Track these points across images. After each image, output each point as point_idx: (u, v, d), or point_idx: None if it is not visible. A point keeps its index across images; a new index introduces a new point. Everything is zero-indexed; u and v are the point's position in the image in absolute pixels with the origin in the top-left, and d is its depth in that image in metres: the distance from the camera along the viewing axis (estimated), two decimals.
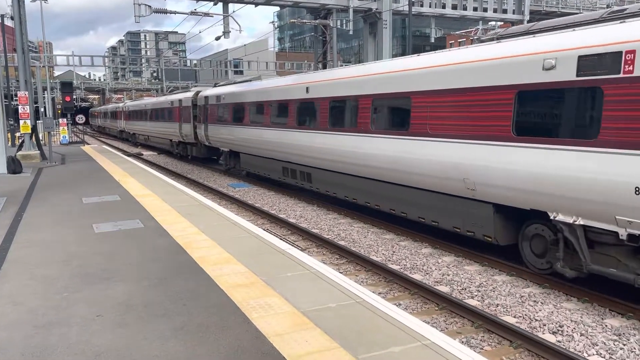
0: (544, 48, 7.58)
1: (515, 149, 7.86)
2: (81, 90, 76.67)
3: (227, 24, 23.78)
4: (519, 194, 7.87)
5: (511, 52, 8.08)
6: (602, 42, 6.78)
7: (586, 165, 6.86)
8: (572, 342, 6.18)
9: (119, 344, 4.40)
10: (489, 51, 8.58)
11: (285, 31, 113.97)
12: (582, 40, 7.10)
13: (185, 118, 26.07)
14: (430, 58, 10.01)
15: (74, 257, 7.03)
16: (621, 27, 6.78)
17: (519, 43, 8.15)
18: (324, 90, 13.74)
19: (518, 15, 31.47)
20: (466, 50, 9.23)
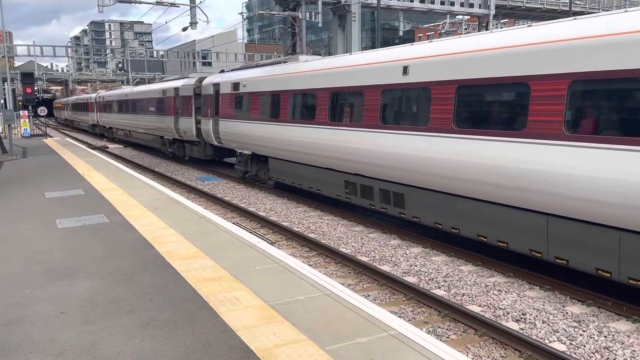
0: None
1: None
2: (43, 81, 74.40)
3: (194, 15, 23.42)
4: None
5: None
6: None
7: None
8: (535, 330, 6.36)
9: (83, 341, 4.32)
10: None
11: (255, 22, 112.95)
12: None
13: (184, 110, 21.50)
14: None
15: (37, 254, 6.85)
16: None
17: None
18: (446, 69, 8.86)
19: (484, 9, 31.95)
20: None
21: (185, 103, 21.30)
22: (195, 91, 20.57)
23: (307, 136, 12.97)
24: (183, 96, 21.65)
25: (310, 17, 26.40)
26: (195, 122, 20.53)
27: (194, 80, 21.18)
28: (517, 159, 7.47)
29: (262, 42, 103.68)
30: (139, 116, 28.05)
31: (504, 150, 7.71)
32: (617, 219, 6.44)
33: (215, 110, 18.50)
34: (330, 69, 12.20)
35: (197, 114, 20.33)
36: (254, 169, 16.78)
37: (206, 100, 19.41)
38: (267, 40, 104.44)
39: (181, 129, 21.92)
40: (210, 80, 19.51)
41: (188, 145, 22.42)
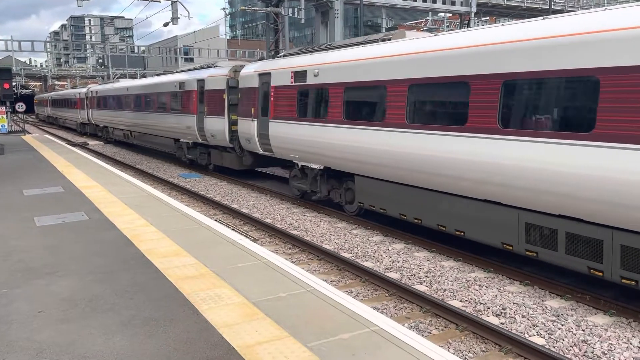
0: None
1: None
2: (21, 77, 73.04)
3: (175, 10, 23.16)
4: None
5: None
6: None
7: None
8: (515, 324, 6.45)
9: (62, 340, 4.26)
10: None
11: (237, 18, 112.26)
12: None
13: (212, 108, 17.10)
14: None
15: (14, 252, 6.73)
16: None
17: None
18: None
19: (466, 7, 32.17)
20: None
21: (214, 99, 16.93)
22: (229, 83, 16.32)
23: (439, 150, 8.63)
24: (211, 90, 17.17)
25: (293, 13, 26.32)
26: (229, 123, 16.27)
27: (227, 69, 16.81)
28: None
29: (245, 38, 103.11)
30: (145, 114, 23.56)
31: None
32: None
33: (263, 109, 14.12)
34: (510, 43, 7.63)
35: (231, 112, 16.19)
36: (325, 188, 12.39)
37: (247, 95, 15.10)
38: (250, 36, 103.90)
39: (207, 131, 17.34)
40: (254, 68, 14.94)
41: (216, 152, 17.75)
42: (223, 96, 16.52)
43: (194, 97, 18.18)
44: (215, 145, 17.63)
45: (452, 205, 8.73)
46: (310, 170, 12.55)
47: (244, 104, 15.31)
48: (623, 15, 6.43)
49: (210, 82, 17.31)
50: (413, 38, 10.02)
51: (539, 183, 7.10)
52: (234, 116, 16.09)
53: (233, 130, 16.23)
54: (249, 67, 15.71)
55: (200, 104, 17.82)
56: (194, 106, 18.21)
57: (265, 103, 14.16)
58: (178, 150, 20.91)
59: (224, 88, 16.60)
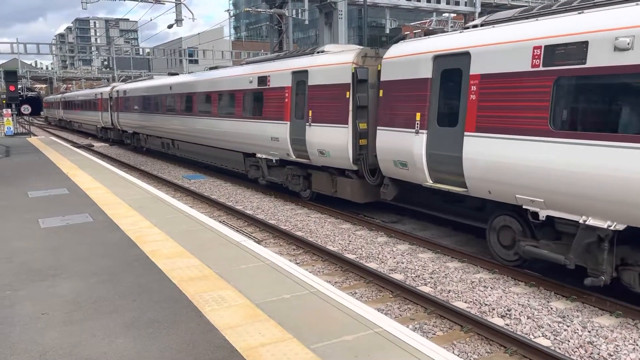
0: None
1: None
2: (27, 79, 73.46)
3: (179, 12, 23.22)
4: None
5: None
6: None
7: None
8: (520, 325, 6.40)
9: (65, 342, 4.26)
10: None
11: (241, 20, 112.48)
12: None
13: (323, 112, 12.11)
14: None
15: (18, 253, 6.75)
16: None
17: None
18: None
19: (470, 7, 32.11)
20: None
21: (327, 98, 11.89)
22: (358, 75, 11.00)
23: None
24: (321, 86, 12.07)
25: (297, 14, 26.36)
26: (354, 135, 11.21)
27: (350, 54, 11.40)
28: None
29: (249, 39, 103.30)
30: (198, 120, 18.69)
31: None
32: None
33: (446, 115, 9.02)
34: None
35: (359, 118, 11.19)
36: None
37: (400, 92, 10.00)
38: (254, 38, 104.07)
39: (312, 146, 12.32)
40: (421, 47, 9.65)
41: (322, 176, 12.75)
42: (346, 94, 11.21)
43: (287, 96, 13.17)
44: (322, 166, 12.48)
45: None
46: (585, 232, 6.91)
47: (391, 107, 10.17)
48: None
49: (318, 73, 12.12)
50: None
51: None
52: (362, 124, 11.08)
53: (361, 147, 11.20)
54: (402, 47, 10.16)
55: (297, 105, 12.95)
56: (287, 109, 13.21)
57: (450, 104, 8.92)
58: (251, 168, 15.75)
59: (347, 82, 11.20)
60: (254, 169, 15.66)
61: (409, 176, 9.89)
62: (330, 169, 12.35)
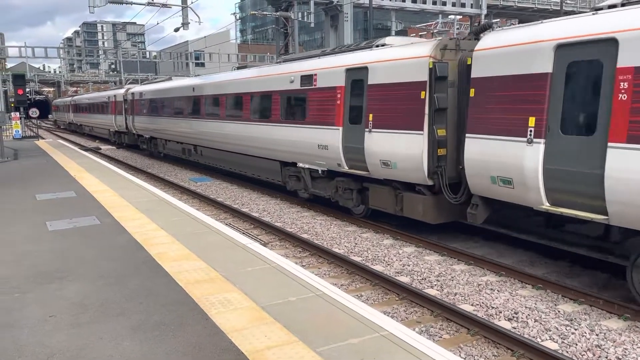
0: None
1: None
2: (35, 82, 74.04)
3: (186, 15, 23.33)
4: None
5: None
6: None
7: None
8: (527, 328, 6.37)
9: (72, 345, 4.28)
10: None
11: (247, 23, 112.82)
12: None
13: (388, 116, 10.20)
14: None
15: (26, 256, 6.80)
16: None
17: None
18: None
19: (476, 9, 32.06)
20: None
21: (394, 99, 9.96)
22: (438, 71, 9.15)
23: None
24: (385, 85, 10.18)
25: (303, 17, 26.40)
26: (431, 144, 9.32)
27: (427, 46, 9.54)
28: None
29: (255, 42, 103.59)
30: (227, 125, 16.79)
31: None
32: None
33: (593, 119, 7.00)
34: None
35: (437, 123, 9.30)
36: None
37: (504, 92, 8.14)
38: (260, 41, 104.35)
39: (373, 156, 10.43)
40: (537, 35, 7.78)
41: (383, 191, 10.73)
42: (421, 94, 9.34)
43: (339, 97, 11.45)
44: (384, 179, 10.49)
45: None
46: None
47: (488, 109, 8.28)
48: None
49: (382, 70, 10.25)
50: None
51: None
52: (440, 130, 9.27)
53: (439, 157, 9.32)
54: (505, 35, 8.25)
55: (352, 108, 11.16)
56: (338, 113, 11.45)
57: (583, 105, 7.13)
58: (290, 179, 13.99)
59: (422, 80, 9.31)
60: (294, 180, 13.85)
61: (514, 196, 7.93)
62: (395, 183, 10.36)
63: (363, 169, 10.93)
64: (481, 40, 8.70)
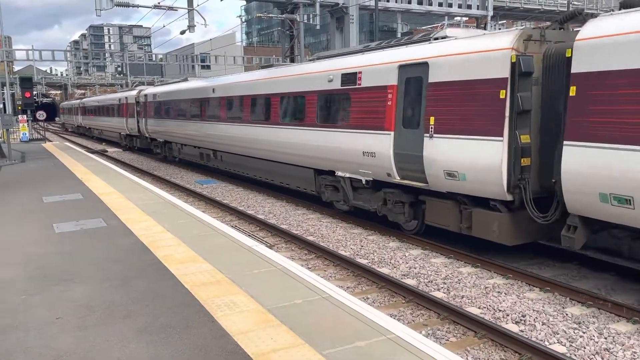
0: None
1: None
2: (42, 85, 74.47)
3: (192, 18, 23.40)
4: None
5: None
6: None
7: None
8: (535, 331, 6.32)
9: (79, 347, 4.28)
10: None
11: (253, 25, 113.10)
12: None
13: (456, 120, 8.81)
14: None
15: (33, 258, 6.82)
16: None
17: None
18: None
19: (482, 10, 31.99)
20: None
21: (462, 100, 8.72)
22: (522, 66, 7.89)
23: None
24: (451, 83, 8.90)
25: (308, 19, 26.44)
26: (511, 151, 8.03)
27: (506, 37, 8.20)
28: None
29: (261, 44, 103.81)
30: (250, 129, 15.64)
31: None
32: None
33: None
34: None
35: (519, 128, 8.01)
36: None
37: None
38: (266, 43, 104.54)
39: (435, 165, 9.14)
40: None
41: (446, 206, 9.40)
42: (500, 93, 8.02)
43: (390, 97, 10.13)
44: (447, 192, 9.15)
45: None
46: None
47: (598, 111, 6.91)
48: None
49: (447, 66, 8.95)
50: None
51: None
52: (524, 136, 7.96)
53: (522, 167, 7.97)
54: (621, 21, 6.76)
55: (406, 110, 9.85)
56: (389, 115, 10.11)
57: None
58: (326, 189, 12.64)
59: (502, 76, 7.99)
60: (331, 190, 12.51)
61: (634, 219, 6.58)
62: (460, 197, 9.00)
63: (420, 180, 9.53)
64: (587, 27, 7.14)
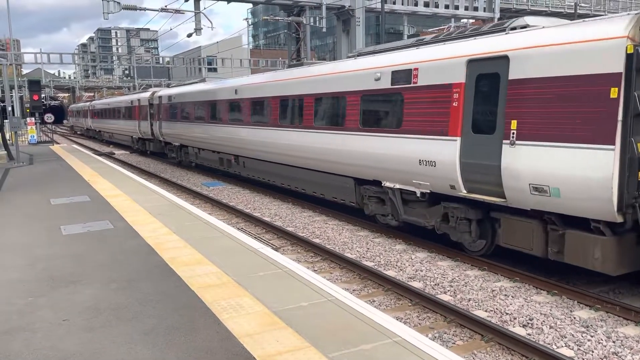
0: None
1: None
2: (50, 88, 74.99)
3: (198, 21, 23.49)
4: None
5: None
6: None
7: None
8: (542, 335, 6.28)
9: (85, 349, 4.29)
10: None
11: (260, 28, 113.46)
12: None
13: (564, 124, 7.16)
14: None
15: (40, 260, 6.85)
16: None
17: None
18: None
19: (489, 12, 31.92)
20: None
21: (564, 100, 7.22)
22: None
23: None
24: (540, 80, 7.50)
25: (315, 22, 26.50)
26: (625, 162, 6.62)
27: (623, 22, 6.68)
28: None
29: (267, 47, 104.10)
30: (282, 132, 14.19)
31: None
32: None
33: None
34: None
35: (636, 134, 6.67)
36: None
37: None
38: (272, 46, 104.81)
39: (516, 177, 7.75)
40: None
41: (527, 226, 8.02)
42: (610, 92, 6.72)
43: (456, 97, 8.80)
44: (531, 209, 7.78)
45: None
46: None
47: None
48: None
49: (536, 60, 7.56)
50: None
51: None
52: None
53: (639, 182, 6.73)
54: None
55: (477, 112, 8.52)
56: (455, 118, 8.78)
57: None
58: (370, 201, 11.25)
59: (614, 71, 6.68)
60: (375, 203, 11.15)
61: None
62: (547, 216, 7.64)
63: (495, 195, 8.13)
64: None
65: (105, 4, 21.03)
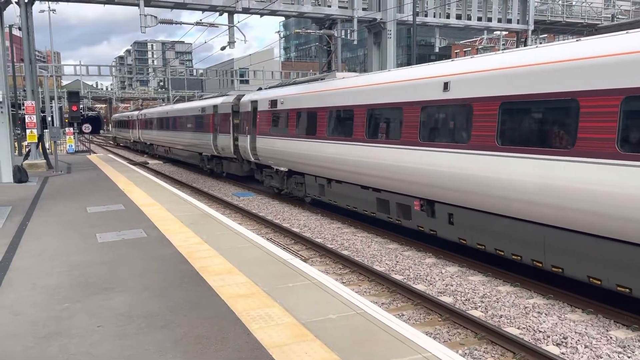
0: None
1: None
2: (88, 99, 77.29)
3: (232, 34, 23.91)
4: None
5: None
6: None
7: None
8: (577, 354, 6.11)
9: (118, 355, 4.38)
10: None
11: (291, 41, 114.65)
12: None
13: None
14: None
15: (76, 267, 7.04)
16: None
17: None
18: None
19: (523, 25, 31.51)
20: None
21: None
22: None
23: None
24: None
25: (346, 34, 26.64)
26: None
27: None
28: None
29: (299, 59, 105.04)
30: (407, 152, 10.26)
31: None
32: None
33: None
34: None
35: None
36: None
37: None
38: (303, 58, 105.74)
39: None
40: None
41: None
42: None
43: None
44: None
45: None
46: None
47: None
48: None
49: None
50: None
51: None
52: None
53: None
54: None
55: None
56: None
57: None
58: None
59: None
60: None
61: None
62: None
63: None
64: None
65: (143, 18, 21.62)
